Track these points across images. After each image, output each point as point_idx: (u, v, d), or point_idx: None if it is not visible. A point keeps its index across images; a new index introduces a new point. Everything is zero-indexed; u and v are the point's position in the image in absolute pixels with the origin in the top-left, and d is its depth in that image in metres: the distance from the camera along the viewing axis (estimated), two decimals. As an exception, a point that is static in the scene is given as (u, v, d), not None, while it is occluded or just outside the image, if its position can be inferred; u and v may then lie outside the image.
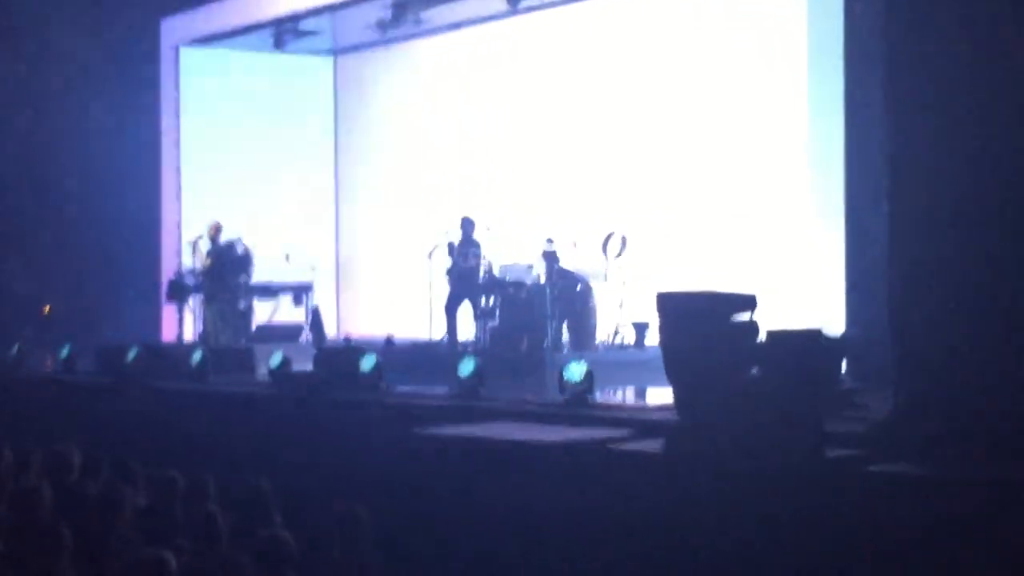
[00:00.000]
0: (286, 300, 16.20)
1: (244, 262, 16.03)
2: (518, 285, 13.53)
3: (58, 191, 18.02)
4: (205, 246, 16.00)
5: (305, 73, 19.24)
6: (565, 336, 13.34)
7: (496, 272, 13.97)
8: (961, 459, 6.33)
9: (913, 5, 7.07)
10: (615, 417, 8.71)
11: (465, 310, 14.17)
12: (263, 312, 16.38)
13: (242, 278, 15.96)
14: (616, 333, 13.57)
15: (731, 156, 14.43)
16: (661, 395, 8.98)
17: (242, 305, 15.92)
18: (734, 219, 14.30)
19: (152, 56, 18.48)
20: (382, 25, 17.08)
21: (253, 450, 10.19)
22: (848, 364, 9.35)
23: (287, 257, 16.34)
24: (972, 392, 6.56)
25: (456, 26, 17.36)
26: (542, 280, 13.40)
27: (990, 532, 5.78)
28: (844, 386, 8.54)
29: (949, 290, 6.76)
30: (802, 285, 12.44)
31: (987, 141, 6.70)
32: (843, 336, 10.15)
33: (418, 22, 16.75)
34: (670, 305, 7.50)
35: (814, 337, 7.38)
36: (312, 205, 19.13)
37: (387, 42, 18.07)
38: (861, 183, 10.75)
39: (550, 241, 13.48)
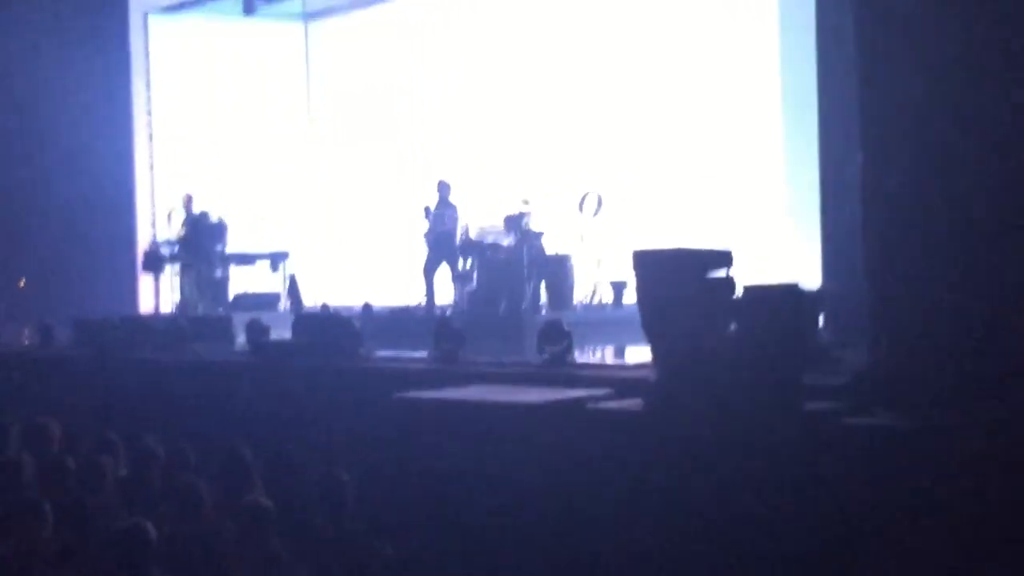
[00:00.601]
0: (263, 267, 16.15)
1: (219, 231, 15.97)
2: (495, 247, 13.51)
3: (30, 163, 17.88)
4: (179, 216, 15.93)
5: (276, 39, 19.11)
6: (543, 297, 13.34)
7: (473, 234, 13.94)
8: (937, 410, 6.36)
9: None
10: (594, 376, 8.72)
11: (443, 273, 14.15)
12: (240, 280, 16.32)
13: (218, 247, 15.91)
14: (594, 292, 13.58)
15: (705, 112, 14.42)
16: (640, 353, 9.00)
17: (218, 274, 15.87)
18: (709, 176, 14.31)
19: (121, 24, 18.31)
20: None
21: (233, 418, 10.18)
22: (825, 318, 9.37)
23: (262, 218, 16.28)
24: (948, 343, 6.59)
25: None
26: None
27: (967, 481, 5.82)
28: (821, 340, 8.55)
29: (925, 242, 6.78)
30: (778, 240, 12.47)
31: (963, 92, 6.70)
32: (820, 290, 10.16)
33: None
34: (646, 262, 7.49)
35: (791, 292, 7.39)
36: (287, 171, 19.05)
37: (358, 6, 17.96)
38: (836, 135, 10.73)
39: (526, 202, 13.45)
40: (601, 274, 13.61)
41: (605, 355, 10.82)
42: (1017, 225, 6.46)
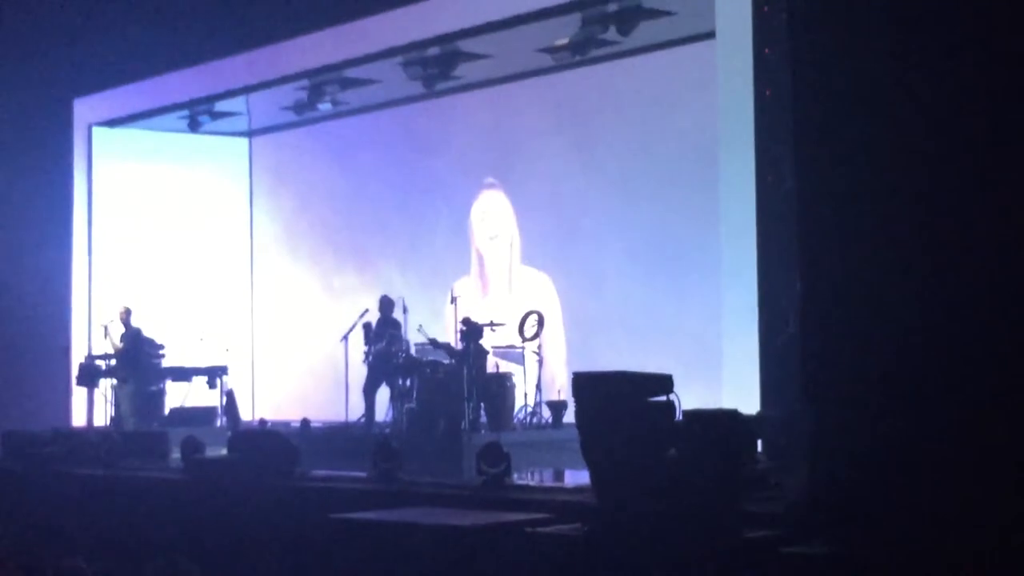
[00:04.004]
0: (200, 383, 15.98)
1: (156, 345, 15.84)
2: (435, 365, 13.47)
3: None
4: (117, 329, 15.79)
5: (220, 154, 19.18)
6: (483, 416, 13.28)
7: (414, 352, 13.92)
8: (875, 539, 6.37)
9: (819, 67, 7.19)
10: (533, 500, 8.68)
11: (384, 392, 14.08)
12: (176, 396, 16.14)
13: (155, 361, 15.75)
14: (534, 413, 13.55)
15: (646, 237, 14.58)
16: (579, 477, 8.98)
17: (155, 388, 15.69)
18: (648, 299, 14.43)
19: (65, 135, 18.32)
20: (299, 107, 17.09)
21: (167, 537, 10.00)
22: (763, 444, 9.41)
23: (201, 339, 16.18)
24: (887, 472, 6.62)
25: (371, 108, 17.44)
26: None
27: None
28: (760, 466, 8.58)
29: (865, 368, 6.84)
30: (717, 365, 12.54)
31: (899, 211, 6.82)
32: (758, 416, 10.22)
33: (335, 103, 16.77)
34: (586, 385, 7.51)
35: (730, 417, 7.43)
36: (227, 286, 19.00)
37: (303, 123, 18.10)
38: (774, 262, 10.88)
39: (466, 322, 13.44)
40: (540, 394, 13.60)
41: (544, 478, 10.77)
42: (958, 355, 6.54)
